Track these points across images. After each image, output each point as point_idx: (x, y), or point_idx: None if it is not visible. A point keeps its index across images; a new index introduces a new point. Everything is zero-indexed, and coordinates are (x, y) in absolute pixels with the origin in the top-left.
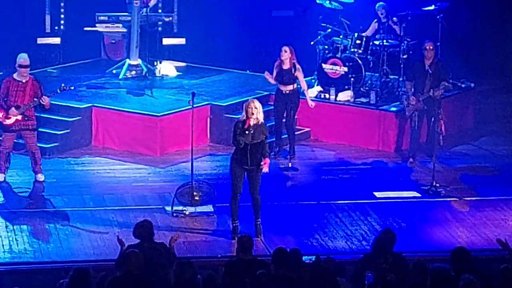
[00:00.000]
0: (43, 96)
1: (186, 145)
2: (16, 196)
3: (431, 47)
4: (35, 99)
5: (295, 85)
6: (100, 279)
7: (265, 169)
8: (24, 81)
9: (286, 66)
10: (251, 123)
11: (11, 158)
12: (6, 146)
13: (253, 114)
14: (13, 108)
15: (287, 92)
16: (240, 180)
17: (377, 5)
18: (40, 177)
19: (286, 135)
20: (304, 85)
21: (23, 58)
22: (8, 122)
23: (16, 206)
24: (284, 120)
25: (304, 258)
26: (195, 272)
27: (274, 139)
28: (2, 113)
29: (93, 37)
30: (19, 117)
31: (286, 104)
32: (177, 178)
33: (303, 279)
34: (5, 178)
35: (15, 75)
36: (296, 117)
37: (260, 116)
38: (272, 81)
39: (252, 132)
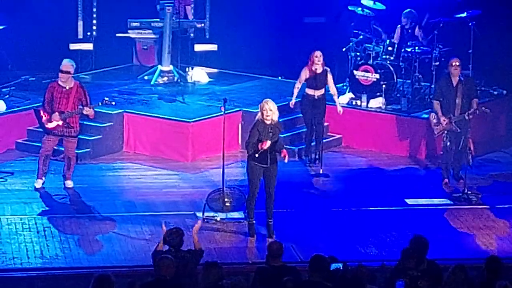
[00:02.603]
0: (86, 107)
1: (217, 151)
2: (47, 202)
3: (457, 64)
4: (80, 107)
5: (324, 91)
6: (128, 286)
7: (286, 159)
8: (67, 87)
9: (319, 70)
10: (267, 124)
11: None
12: (47, 148)
13: (268, 116)
14: (56, 113)
15: (318, 97)
16: (258, 179)
17: (404, 11)
18: (69, 183)
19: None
20: (334, 90)
21: (63, 63)
22: (49, 125)
23: (48, 211)
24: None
25: (332, 265)
26: (221, 274)
27: (304, 146)
28: (46, 116)
29: (125, 43)
30: (60, 123)
31: (314, 109)
32: (208, 184)
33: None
34: (43, 183)
35: (59, 80)
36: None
37: (275, 117)
38: (296, 91)
39: (269, 131)
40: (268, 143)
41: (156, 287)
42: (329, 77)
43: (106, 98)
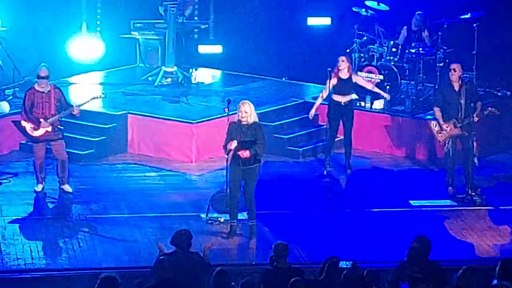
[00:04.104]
0: (75, 107)
1: (221, 152)
2: (51, 203)
3: (454, 69)
4: (64, 111)
5: (352, 96)
6: (136, 286)
7: (242, 154)
8: (46, 91)
9: (344, 75)
10: (242, 124)
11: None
12: (39, 156)
13: (243, 117)
14: (43, 120)
15: (345, 103)
16: (237, 180)
17: (417, 12)
18: (67, 188)
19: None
20: (369, 85)
21: (41, 69)
22: (36, 134)
23: (51, 212)
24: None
25: (340, 263)
26: (230, 279)
27: (324, 152)
28: (31, 125)
29: (129, 44)
30: (49, 128)
31: (342, 116)
32: (212, 185)
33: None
34: (43, 188)
35: (36, 86)
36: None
37: (251, 119)
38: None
39: (243, 131)
40: (234, 143)
41: None
42: (356, 77)
43: (96, 94)
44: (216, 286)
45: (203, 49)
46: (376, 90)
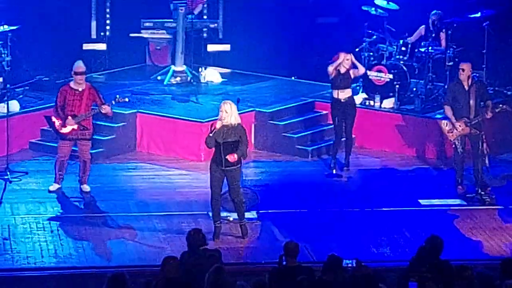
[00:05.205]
0: (104, 105)
1: None
2: (61, 201)
3: (463, 68)
4: (93, 108)
5: (350, 92)
6: (144, 286)
7: (230, 158)
8: (80, 89)
9: (343, 70)
10: (217, 126)
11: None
12: (63, 154)
13: (223, 118)
14: (69, 117)
15: (345, 99)
16: (218, 181)
17: (433, 12)
18: (86, 187)
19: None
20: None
21: (78, 64)
22: (64, 130)
23: (61, 211)
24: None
25: (344, 262)
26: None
27: (331, 151)
28: (59, 122)
29: (138, 43)
30: (75, 126)
31: (344, 113)
32: None
33: (345, 284)
34: (59, 188)
35: (71, 84)
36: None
37: (233, 119)
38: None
39: (224, 132)
40: (218, 123)
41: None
42: (354, 71)
43: (118, 96)
44: (213, 284)
45: (212, 48)
46: (356, 62)
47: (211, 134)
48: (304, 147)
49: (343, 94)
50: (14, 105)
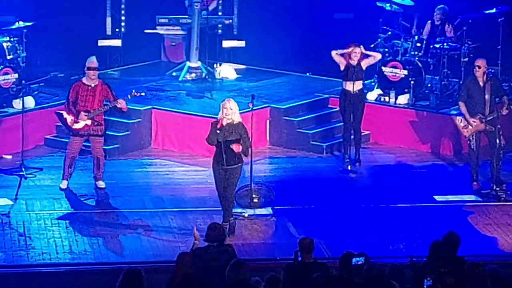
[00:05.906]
0: (119, 100)
1: None
2: (76, 197)
3: (478, 65)
4: (105, 103)
5: (361, 85)
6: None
7: (235, 148)
8: (93, 85)
9: (353, 62)
10: (224, 123)
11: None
12: (73, 150)
13: (228, 114)
14: (82, 113)
15: (355, 92)
16: (221, 180)
17: (438, 6)
18: (101, 184)
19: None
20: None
21: (91, 60)
22: (76, 126)
23: (76, 207)
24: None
25: (353, 260)
26: (246, 273)
27: (342, 146)
28: (72, 118)
29: (153, 40)
30: (89, 122)
31: (352, 106)
32: None
33: (359, 281)
34: (67, 185)
35: (84, 79)
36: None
37: (236, 117)
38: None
39: (226, 130)
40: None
41: (182, 285)
42: (364, 61)
43: (134, 90)
44: (234, 278)
45: (227, 44)
46: (367, 52)
47: (218, 131)
48: (319, 143)
49: (353, 86)
50: (29, 101)
